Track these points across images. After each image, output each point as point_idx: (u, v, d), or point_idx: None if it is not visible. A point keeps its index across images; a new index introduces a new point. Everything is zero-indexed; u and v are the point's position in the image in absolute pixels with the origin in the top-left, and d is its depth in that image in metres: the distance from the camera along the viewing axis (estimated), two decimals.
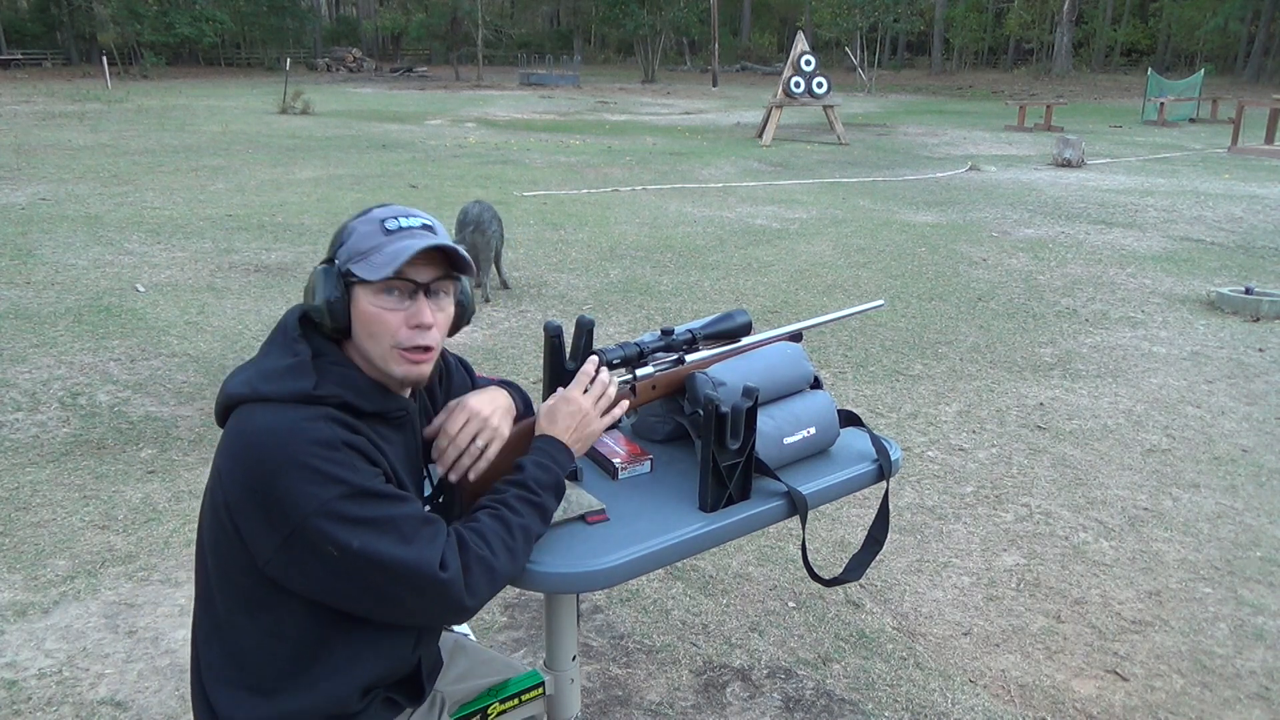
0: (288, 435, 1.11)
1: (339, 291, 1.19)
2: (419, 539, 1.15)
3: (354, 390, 1.19)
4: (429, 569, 1.13)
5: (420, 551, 1.13)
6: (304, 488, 1.09)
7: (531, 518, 1.24)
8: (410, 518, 1.16)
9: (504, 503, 1.23)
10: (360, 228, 1.21)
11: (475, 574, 1.16)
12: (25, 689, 2.24)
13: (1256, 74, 36.58)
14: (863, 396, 4.28)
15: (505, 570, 1.20)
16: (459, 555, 1.16)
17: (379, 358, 1.21)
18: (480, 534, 1.19)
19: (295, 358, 1.17)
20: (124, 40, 34.92)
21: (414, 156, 12.31)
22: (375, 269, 1.17)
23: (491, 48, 40.61)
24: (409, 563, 1.13)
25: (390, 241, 1.18)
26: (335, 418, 1.15)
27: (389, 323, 1.19)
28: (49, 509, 3.10)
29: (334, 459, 1.11)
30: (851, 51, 35.35)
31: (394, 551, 1.12)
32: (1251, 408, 4.25)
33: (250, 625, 1.20)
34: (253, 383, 1.16)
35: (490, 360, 4.66)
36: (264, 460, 1.11)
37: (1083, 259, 7.20)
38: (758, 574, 2.85)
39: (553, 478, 1.28)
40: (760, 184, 10.86)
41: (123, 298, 5.55)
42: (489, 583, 1.18)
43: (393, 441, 1.25)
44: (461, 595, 1.15)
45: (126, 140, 13.26)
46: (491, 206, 5.83)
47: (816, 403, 1.58)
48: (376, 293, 1.18)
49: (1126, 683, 2.38)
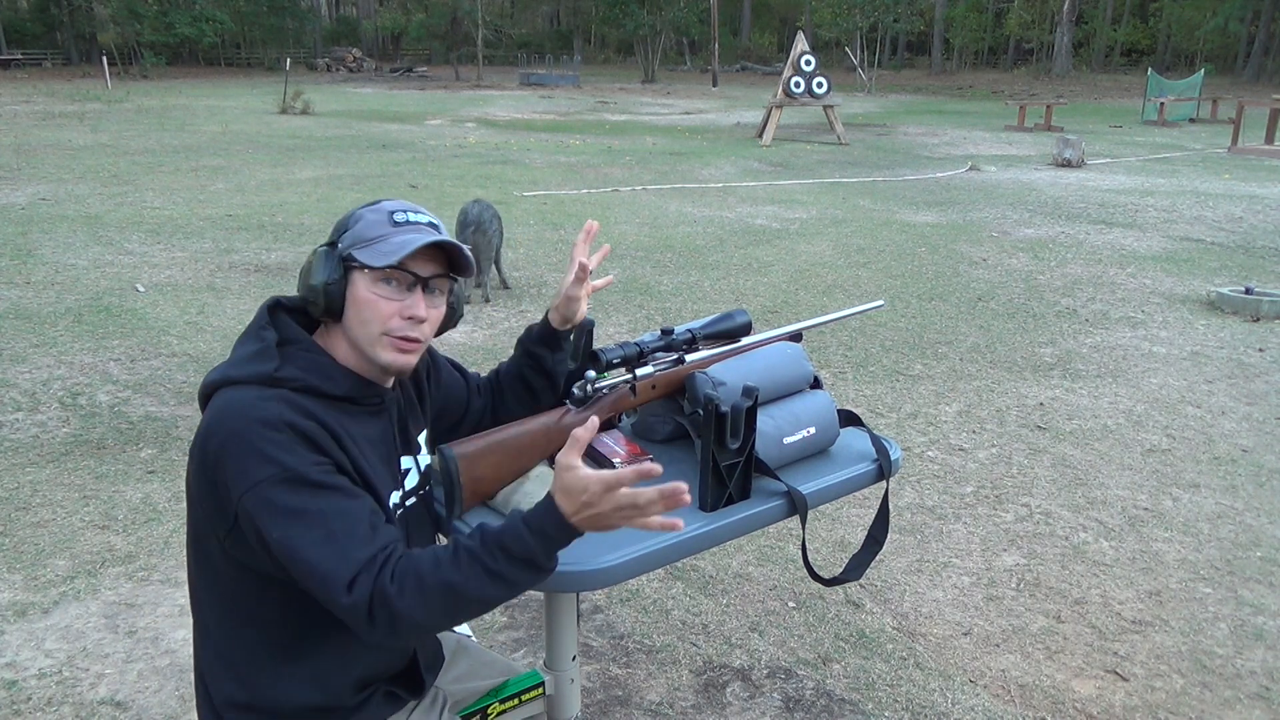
0: (236, 412, 1.12)
1: (338, 274, 1.20)
2: (345, 543, 1.08)
3: (319, 373, 1.19)
4: (334, 585, 1.06)
5: (335, 562, 1.06)
6: (241, 464, 1.09)
7: (473, 579, 1.06)
8: (344, 514, 1.10)
9: (455, 550, 1.09)
10: (368, 215, 1.22)
11: (378, 612, 1.06)
12: (25, 689, 2.24)
13: (1256, 74, 36.58)
14: (863, 396, 4.28)
15: (412, 619, 1.06)
16: (373, 581, 1.06)
17: (367, 343, 1.21)
18: (405, 572, 1.07)
19: (261, 344, 1.19)
20: (124, 40, 34.93)
21: (414, 156, 12.31)
22: (379, 256, 1.18)
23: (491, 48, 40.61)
24: (318, 569, 1.07)
25: (397, 233, 1.20)
26: (290, 400, 1.14)
27: (383, 310, 1.19)
28: (49, 509, 3.10)
29: (272, 440, 1.09)
30: (851, 51, 35.35)
31: (309, 553, 1.07)
32: (1251, 408, 4.25)
33: (230, 617, 1.20)
34: (224, 370, 1.18)
35: (490, 360, 4.66)
36: (215, 436, 1.12)
37: (1083, 259, 7.20)
38: (758, 574, 2.85)
39: (526, 551, 1.07)
40: (760, 184, 10.86)
41: (123, 298, 5.55)
42: (389, 624, 1.06)
43: (365, 427, 1.24)
44: (361, 627, 1.07)
45: (126, 140, 13.26)
46: (491, 206, 5.83)
47: (816, 403, 1.58)
48: (375, 280, 1.19)
49: (1126, 683, 2.38)
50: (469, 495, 1.34)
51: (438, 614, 1.08)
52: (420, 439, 1.39)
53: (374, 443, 1.25)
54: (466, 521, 1.33)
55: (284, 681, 1.21)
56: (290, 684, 1.21)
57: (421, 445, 1.38)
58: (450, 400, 1.47)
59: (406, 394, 1.37)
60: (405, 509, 1.31)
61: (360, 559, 1.07)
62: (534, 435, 1.39)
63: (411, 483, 1.34)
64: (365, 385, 1.24)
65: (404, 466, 1.33)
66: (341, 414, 1.20)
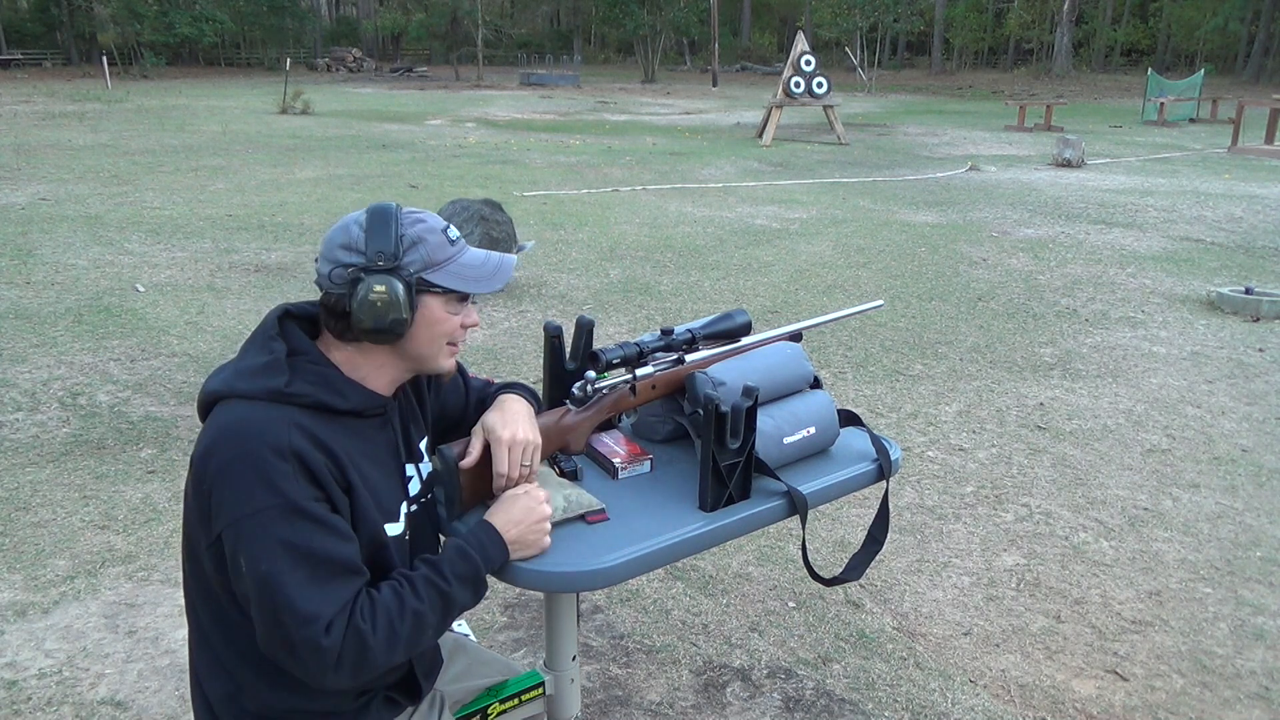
0: (247, 433, 1.11)
1: (410, 297, 1.19)
2: (326, 587, 1.10)
3: (328, 388, 1.19)
4: (314, 627, 1.08)
5: (318, 603, 1.08)
6: (242, 488, 1.09)
7: (431, 605, 1.16)
8: (332, 560, 1.11)
9: (410, 580, 1.16)
10: (429, 237, 1.22)
11: (348, 652, 1.10)
12: (25, 689, 2.24)
13: (1256, 74, 36.57)
14: (863, 396, 4.28)
15: (379, 656, 1.12)
16: (347, 623, 1.10)
17: (430, 355, 1.26)
18: (372, 610, 1.13)
19: (270, 355, 1.18)
20: (124, 40, 34.93)
21: (414, 156, 12.31)
22: (473, 282, 1.24)
23: (491, 48, 40.61)
24: (299, 608, 1.07)
25: (460, 251, 1.25)
26: (299, 423, 1.13)
27: (452, 325, 1.26)
28: (49, 509, 3.10)
29: (278, 469, 1.09)
30: (851, 51, 35.35)
31: (291, 590, 1.08)
32: (1251, 408, 4.25)
33: (223, 621, 1.20)
34: (229, 380, 1.17)
35: (490, 360, 4.66)
36: (219, 453, 1.11)
37: (1083, 259, 7.20)
38: (758, 574, 2.85)
39: (472, 569, 1.19)
40: (760, 184, 10.86)
41: (123, 298, 5.55)
42: (356, 664, 1.11)
43: (368, 439, 1.24)
44: (326, 670, 1.10)
45: (126, 140, 13.26)
46: (471, 205, 5.75)
47: (816, 402, 1.58)
48: (450, 300, 1.24)
49: (1126, 683, 2.38)
50: (469, 496, 1.35)
51: (405, 643, 1.15)
52: (422, 445, 1.39)
53: (378, 458, 1.26)
54: (466, 521, 1.33)
55: (279, 687, 1.20)
56: (285, 689, 1.21)
57: (423, 452, 1.38)
58: (449, 405, 1.48)
59: (408, 402, 1.37)
60: (411, 516, 1.32)
61: (339, 602, 1.11)
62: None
63: (415, 489, 1.34)
64: (371, 397, 1.24)
65: (408, 474, 1.33)
66: (346, 429, 1.20)
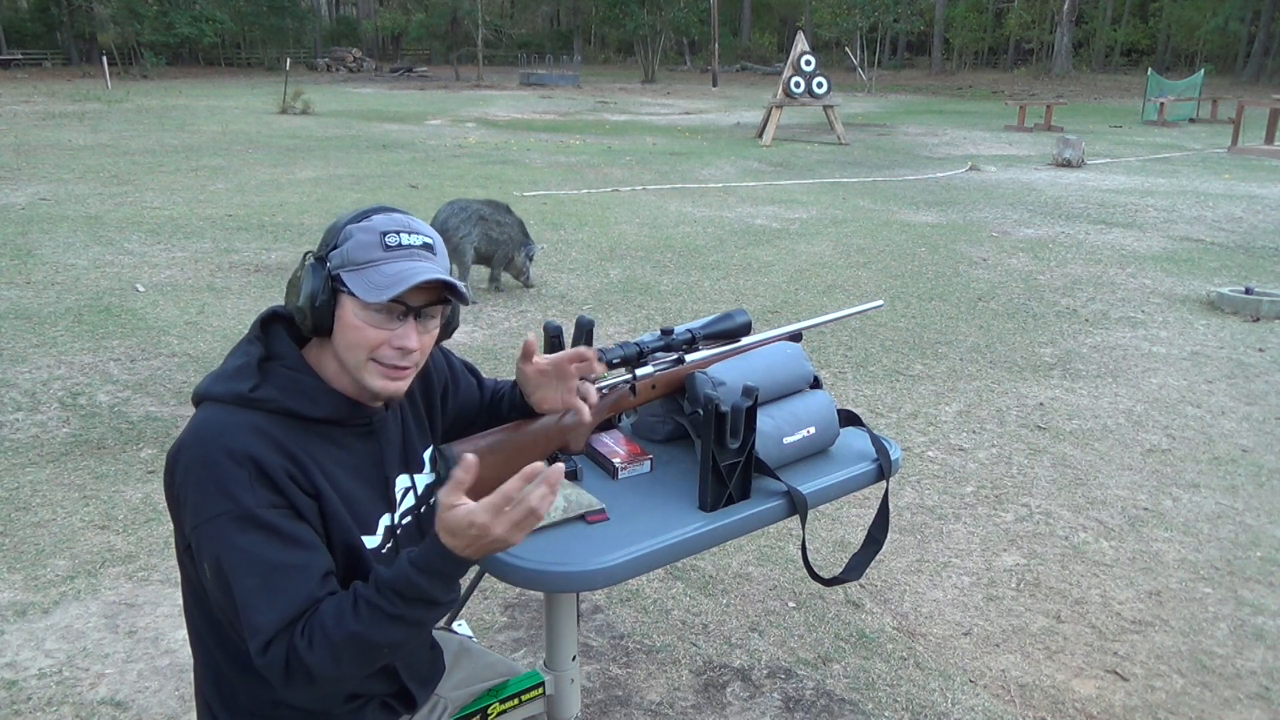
0: (206, 437, 1.09)
1: (326, 294, 1.13)
2: (275, 598, 1.06)
3: (299, 395, 1.15)
4: (254, 643, 1.05)
5: (263, 614, 1.05)
6: (200, 494, 1.07)
7: (374, 626, 1.06)
8: (283, 568, 1.07)
9: (355, 599, 1.08)
10: (359, 235, 1.14)
11: (293, 669, 1.06)
12: (25, 689, 2.24)
13: (1256, 74, 36.57)
14: (863, 396, 4.28)
15: (324, 675, 1.06)
16: (288, 640, 1.06)
17: (354, 367, 1.16)
18: (314, 627, 1.06)
19: (244, 359, 1.16)
20: (124, 40, 34.93)
21: (414, 156, 12.31)
22: (370, 289, 1.11)
23: (491, 48, 40.58)
24: (245, 616, 1.06)
25: (389, 260, 1.12)
26: (261, 428, 1.10)
27: (371, 339, 1.14)
28: (49, 509, 3.10)
29: (233, 475, 1.07)
30: (851, 51, 35.35)
31: (242, 598, 1.06)
32: (1251, 408, 4.25)
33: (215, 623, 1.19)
34: (209, 383, 1.15)
35: (490, 360, 4.66)
36: (182, 457, 1.10)
37: (1083, 259, 7.20)
38: (758, 574, 2.85)
39: (419, 592, 1.07)
40: (760, 184, 10.86)
41: (123, 298, 5.55)
42: (304, 681, 1.06)
43: (346, 448, 1.21)
44: (278, 684, 1.07)
45: (126, 140, 13.26)
46: (471, 205, 5.74)
47: (816, 402, 1.59)
48: (364, 308, 1.12)
49: (1126, 683, 2.38)
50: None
51: (349, 664, 1.06)
52: (425, 456, 1.35)
53: (358, 469, 1.22)
54: None
55: (267, 684, 1.19)
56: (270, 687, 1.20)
57: (425, 463, 1.35)
58: (465, 409, 1.45)
59: (415, 411, 1.34)
60: (401, 528, 1.28)
61: (286, 617, 1.06)
62: (535, 435, 1.39)
63: (409, 502, 1.31)
64: (351, 407, 1.19)
65: (402, 486, 1.29)
66: (320, 438, 1.17)
